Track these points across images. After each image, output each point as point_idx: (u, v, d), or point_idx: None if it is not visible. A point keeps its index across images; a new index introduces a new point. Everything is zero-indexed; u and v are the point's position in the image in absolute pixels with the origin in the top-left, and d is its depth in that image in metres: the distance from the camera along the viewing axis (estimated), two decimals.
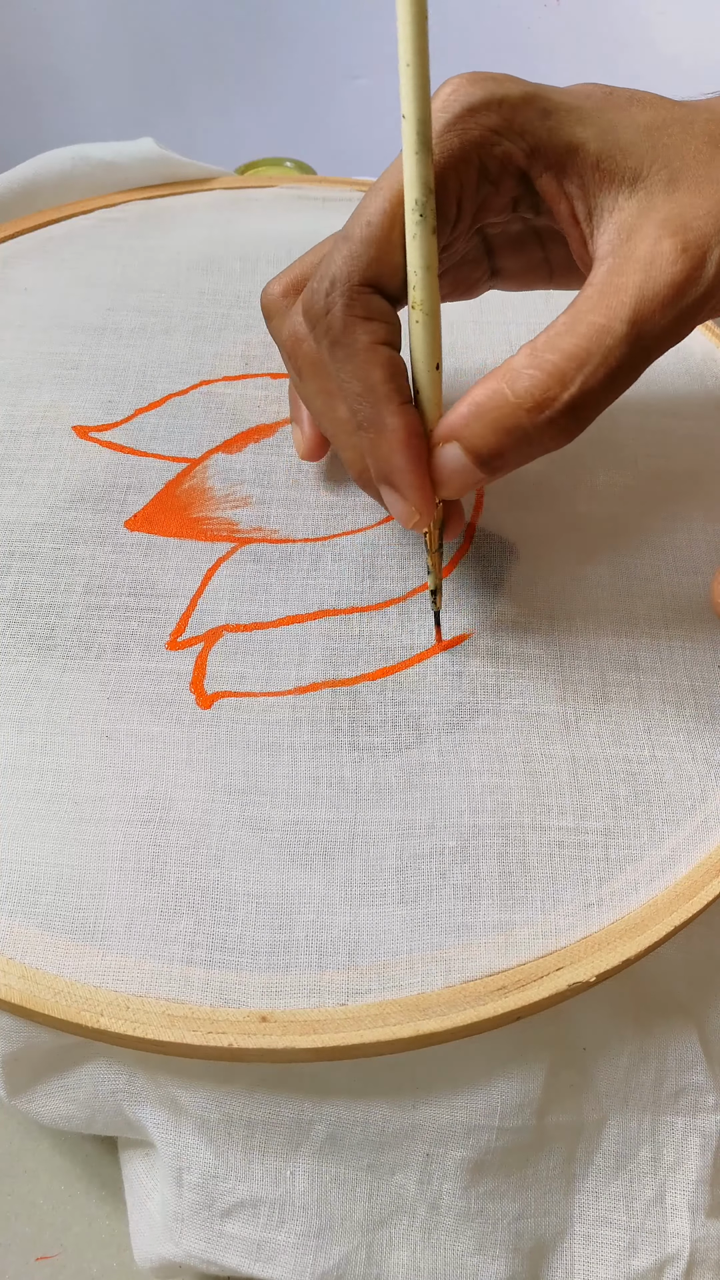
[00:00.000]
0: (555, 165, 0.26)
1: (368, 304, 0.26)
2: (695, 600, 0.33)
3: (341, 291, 0.26)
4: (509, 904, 0.27)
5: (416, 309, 0.26)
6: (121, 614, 0.31)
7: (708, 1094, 0.28)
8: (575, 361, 0.24)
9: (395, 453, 0.26)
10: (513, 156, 0.26)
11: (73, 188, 0.45)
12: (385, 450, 0.26)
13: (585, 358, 0.24)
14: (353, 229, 0.26)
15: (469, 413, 0.25)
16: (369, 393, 0.26)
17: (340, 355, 0.26)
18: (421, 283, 0.25)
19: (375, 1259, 0.26)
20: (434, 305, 0.26)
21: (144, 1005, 0.25)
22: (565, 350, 0.25)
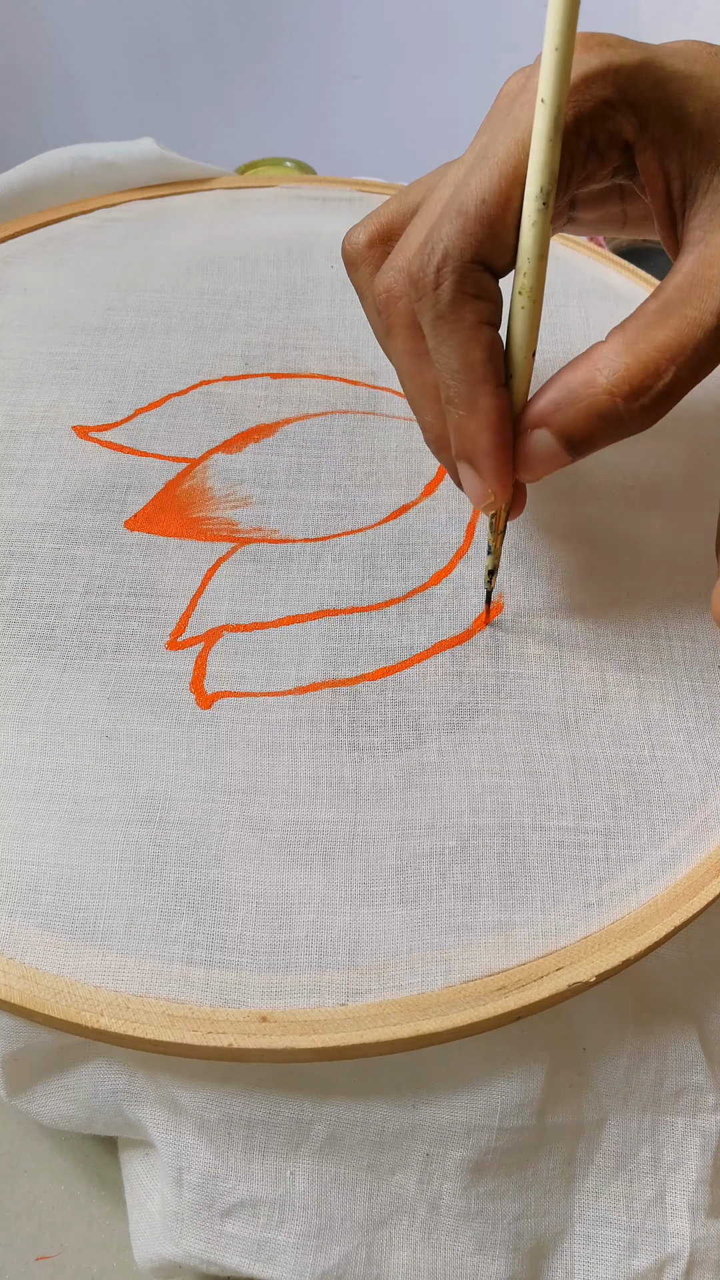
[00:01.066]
0: (660, 140, 0.25)
1: (478, 283, 0.26)
2: (695, 601, 0.33)
3: (454, 268, 0.25)
4: (509, 904, 0.27)
5: (524, 295, 0.26)
6: (121, 614, 0.31)
7: (708, 1094, 0.28)
8: (668, 354, 0.25)
9: (483, 434, 0.26)
10: (622, 130, 0.25)
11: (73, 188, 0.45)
12: (473, 430, 0.27)
13: (678, 350, 0.25)
14: (466, 204, 0.25)
15: (562, 399, 0.26)
16: (468, 371, 0.26)
17: (444, 331, 0.26)
18: (533, 270, 0.25)
19: (375, 1259, 0.26)
20: (540, 293, 0.26)
21: (144, 1005, 0.25)
22: (658, 342, 0.25)
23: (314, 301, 0.41)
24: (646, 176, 0.26)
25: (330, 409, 0.38)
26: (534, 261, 0.25)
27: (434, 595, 0.33)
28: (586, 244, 0.45)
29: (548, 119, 0.23)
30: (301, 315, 0.41)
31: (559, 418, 0.26)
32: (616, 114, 0.25)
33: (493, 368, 0.26)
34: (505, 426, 0.27)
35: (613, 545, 0.34)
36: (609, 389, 0.25)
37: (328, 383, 0.39)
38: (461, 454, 0.27)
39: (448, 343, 0.26)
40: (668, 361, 0.25)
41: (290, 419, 0.37)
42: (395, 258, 0.28)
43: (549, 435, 0.26)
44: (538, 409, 0.26)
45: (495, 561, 0.31)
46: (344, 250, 0.30)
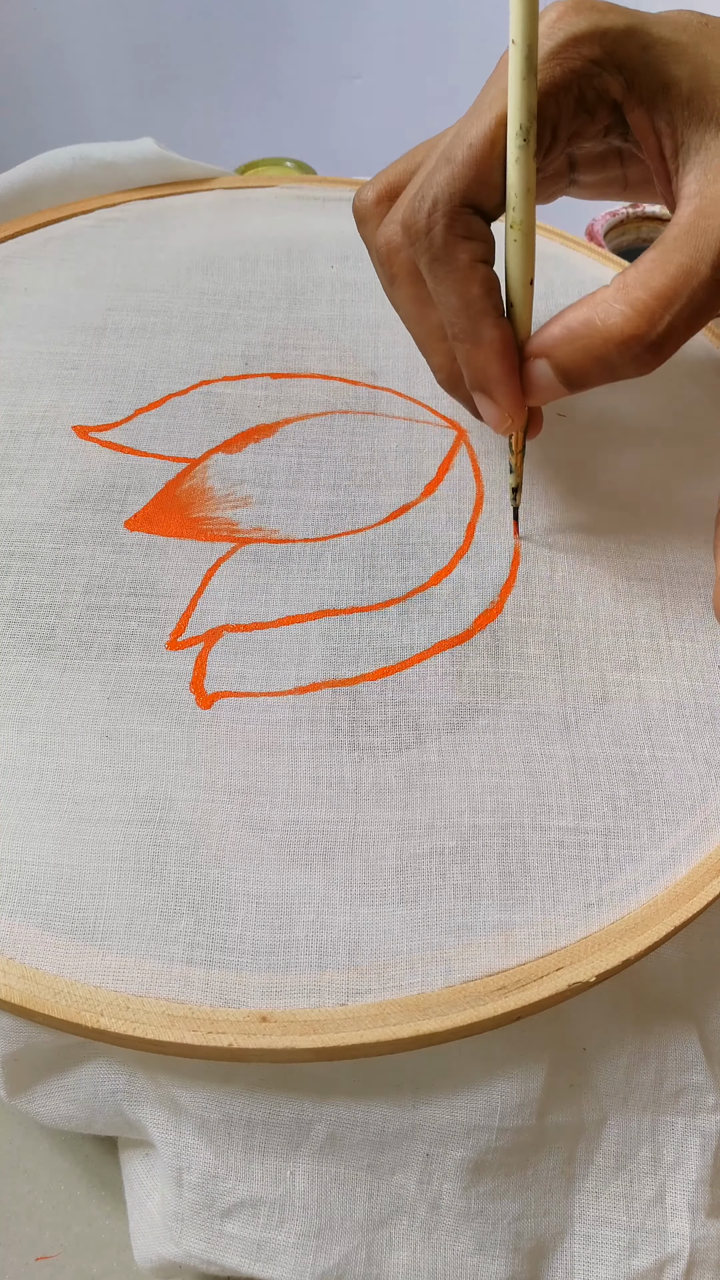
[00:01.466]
0: (648, 101, 0.27)
1: (468, 224, 0.27)
2: (695, 600, 0.33)
3: (444, 211, 0.27)
4: (509, 904, 0.27)
5: (515, 229, 0.27)
6: (121, 614, 0.31)
7: (708, 1094, 0.28)
8: (663, 301, 0.26)
9: (491, 362, 0.28)
10: (610, 89, 0.27)
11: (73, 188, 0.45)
12: (482, 360, 0.28)
13: (673, 298, 0.26)
14: (454, 151, 0.27)
15: (561, 335, 0.27)
16: (467, 307, 0.28)
17: (440, 272, 0.28)
18: (521, 204, 0.27)
19: (375, 1259, 0.26)
20: (531, 225, 0.27)
21: (144, 1005, 0.25)
22: (654, 289, 0.26)
23: (314, 301, 0.41)
24: (639, 134, 0.28)
25: (330, 409, 0.38)
26: (522, 197, 0.27)
27: (434, 595, 0.33)
28: (586, 244, 0.45)
29: (520, 58, 0.25)
30: (301, 315, 0.41)
31: (558, 354, 0.27)
32: (604, 73, 0.26)
33: (491, 301, 0.28)
34: (510, 353, 0.28)
35: (613, 545, 0.34)
36: (605, 334, 0.26)
37: (328, 383, 0.39)
38: (474, 384, 0.29)
39: (445, 283, 0.28)
40: (662, 309, 0.26)
41: (290, 419, 0.37)
42: (395, 211, 0.29)
43: (548, 367, 0.28)
44: (540, 340, 0.28)
45: (518, 479, 0.33)
46: (354, 207, 0.32)
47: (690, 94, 0.27)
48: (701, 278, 0.26)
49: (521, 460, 0.32)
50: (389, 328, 0.40)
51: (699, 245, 0.26)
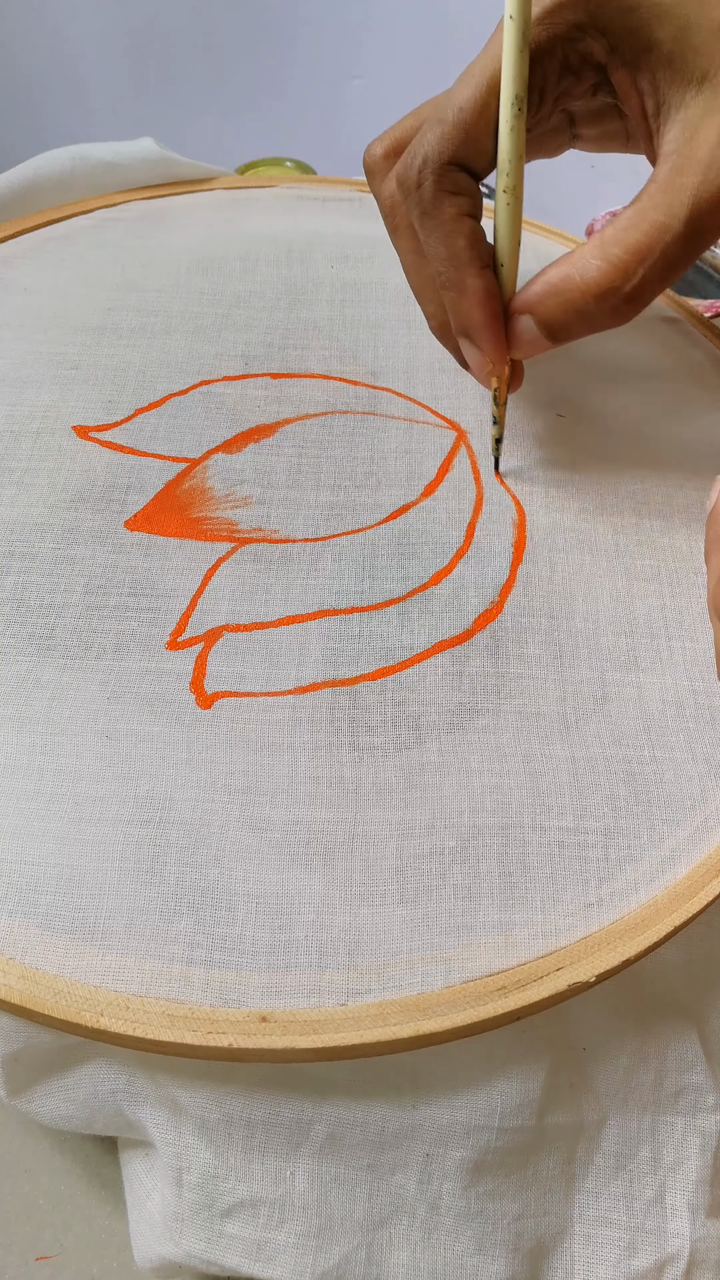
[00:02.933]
0: (631, 62, 0.28)
1: (455, 180, 0.29)
2: (695, 600, 0.33)
3: (433, 169, 0.29)
4: (509, 904, 0.27)
5: (507, 193, 0.29)
6: (121, 614, 0.31)
7: (708, 1094, 0.28)
8: (638, 256, 0.27)
9: (475, 309, 0.30)
10: (593, 52, 0.28)
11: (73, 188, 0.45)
12: (466, 307, 0.30)
13: (646, 253, 0.27)
14: (445, 113, 0.29)
15: (543, 291, 0.29)
16: (453, 257, 0.29)
17: (429, 224, 0.29)
18: (513, 169, 0.29)
19: (375, 1259, 0.26)
20: (520, 190, 0.29)
21: (144, 1005, 0.25)
22: (629, 245, 0.27)
23: (314, 301, 0.41)
24: (622, 93, 0.29)
25: (330, 409, 0.38)
26: (514, 162, 0.29)
27: (434, 595, 0.33)
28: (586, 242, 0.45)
29: (516, 32, 0.27)
30: (301, 315, 0.41)
31: (540, 308, 0.29)
32: (587, 36, 0.28)
33: (476, 253, 0.29)
34: (493, 303, 0.30)
35: (613, 545, 0.34)
36: (582, 288, 0.28)
37: (328, 383, 0.39)
38: (459, 329, 0.31)
39: (434, 235, 0.29)
40: (636, 263, 0.27)
41: (290, 419, 0.37)
42: (397, 167, 0.31)
43: (531, 322, 0.30)
44: (524, 296, 0.30)
45: (500, 430, 0.35)
46: (364, 161, 0.34)
47: (671, 54, 0.27)
48: (674, 233, 0.27)
49: (504, 411, 0.34)
50: (389, 328, 0.40)
51: (672, 202, 0.27)
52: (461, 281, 0.30)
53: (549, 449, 0.37)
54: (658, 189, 0.28)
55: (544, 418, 0.37)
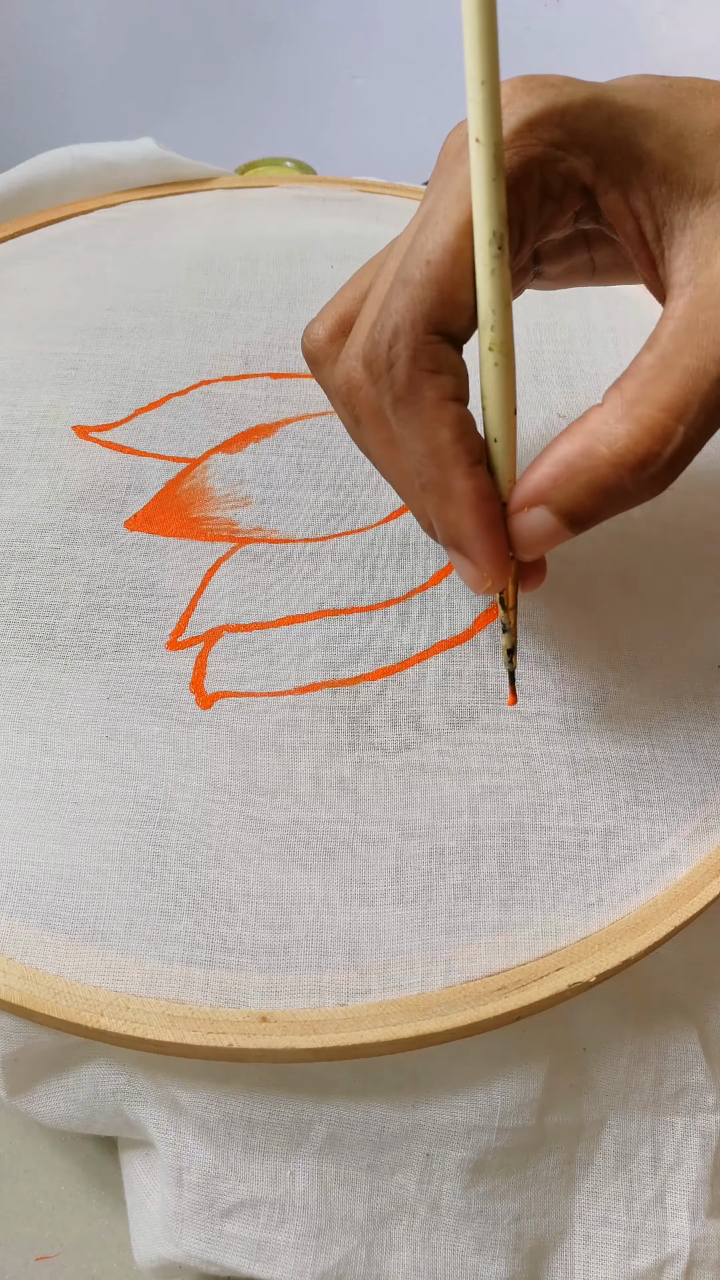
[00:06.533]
0: (621, 181, 0.24)
1: (435, 355, 0.23)
2: (696, 600, 0.33)
3: (406, 343, 0.23)
4: (509, 904, 0.27)
5: (494, 350, 0.23)
6: (121, 614, 0.31)
7: (708, 1094, 0.28)
8: (674, 414, 0.23)
9: (464, 518, 0.24)
10: (578, 173, 0.23)
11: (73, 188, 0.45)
12: (453, 516, 0.24)
13: (684, 408, 0.23)
14: (411, 270, 0.23)
15: (560, 474, 0.23)
16: (435, 454, 0.24)
17: (404, 414, 0.24)
18: (500, 322, 0.23)
19: (375, 1259, 0.26)
20: (511, 346, 0.23)
21: (144, 1005, 0.25)
22: (660, 401, 0.23)
23: (314, 301, 0.41)
24: (614, 218, 0.24)
25: (330, 409, 0.38)
26: (499, 313, 0.23)
27: (434, 595, 0.33)
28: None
29: (487, 158, 0.21)
30: (301, 315, 0.41)
31: (558, 495, 0.24)
32: (569, 156, 0.23)
33: (463, 447, 0.24)
34: (487, 506, 0.24)
35: (613, 545, 0.34)
36: (612, 461, 0.23)
37: None
38: (446, 540, 0.25)
39: (410, 426, 0.24)
40: (674, 421, 0.23)
41: (290, 419, 0.37)
42: (350, 344, 0.26)
43: (547, 513, 0.24)
44: (533, 485, 0.24)
45: (512, 640, 0.27)
46: (304, 349, 0.28)
47: (666, 166, 0.23)
48: (712, 378, 0.22)
49: (515, 616, 0.27)
50: None
51: (702, 342, 0.23)
52: (447, 484, 0.24)
53: None
54: (680, 328, 0.23)
55: (544, 418, 0.37)
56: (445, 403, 0.23)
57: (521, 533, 0.25)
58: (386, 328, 0.23)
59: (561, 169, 0.23)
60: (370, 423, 0.26)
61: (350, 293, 0.27)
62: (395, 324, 0.23)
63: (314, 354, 0.28)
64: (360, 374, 0.25)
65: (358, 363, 0.25)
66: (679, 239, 0.24)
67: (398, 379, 0.23)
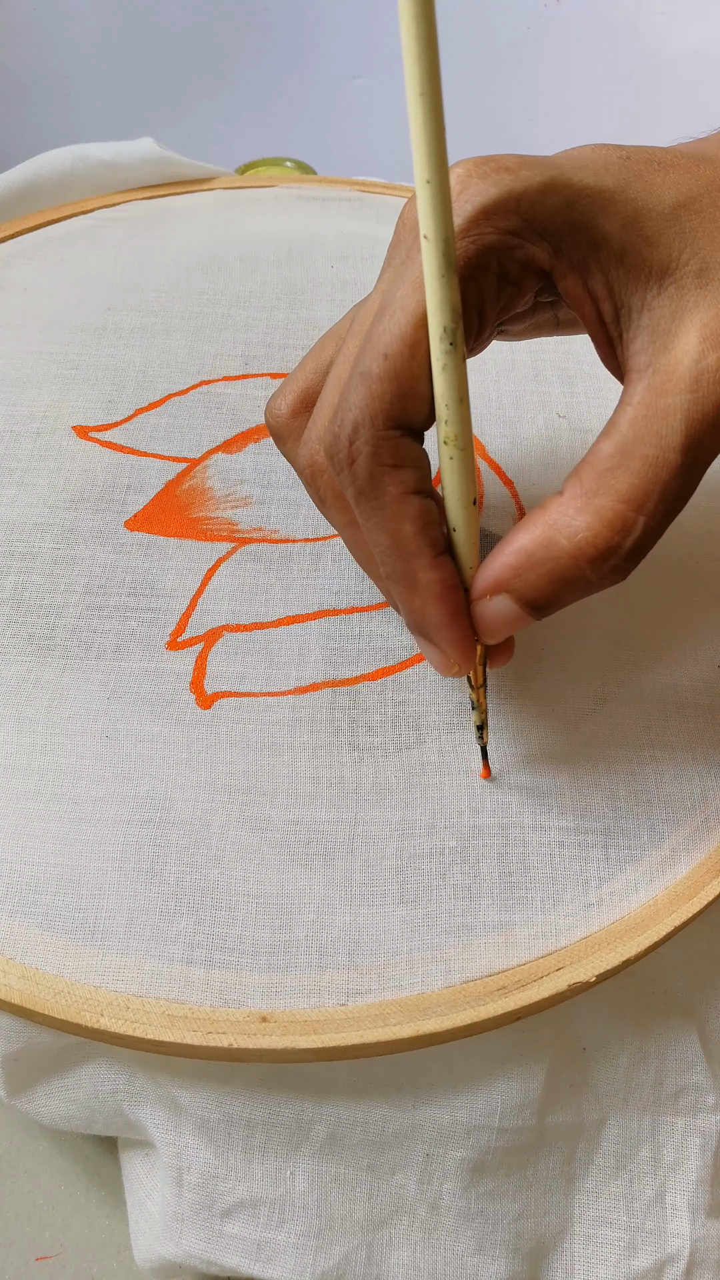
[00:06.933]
0: (579, 265, 0.23)
1: (396, 450, 0.23)
2: (695, 600, 0.33)
3: (366, 439, 0.23)
4: (509, 904, 0.27)
5: (449, 444, 0.23)
6: (121, 614, 0.31)
7: (708, 1094, 0.28)
8: (634, 504, 0.22)
9: (429, 608, 0.24)
10: (535, 259, 0.23)
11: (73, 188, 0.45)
12: (419, 605, 0.24)
13: (644, 499, 0.22)
14: (369, 363, 0.23)
15: (519, 563, 0.23)
16: (399, 547, 0.24)
17: (367, 508, 0.24)
18: (455, 416, 0.23)
19: (375, 1259, 0.26)
20: (468, 439, 0.23)
21: (144, 1005, 0.25)
22: (620, 492, 0.22)
23: (314, 301, 0.41)
24: (572, 300, 0.24)
25: None
26: (454, 407, 0.23)
27: None
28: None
29: (436, 255, 0.21)
30: (301, 315, 0.41)
31: (518, 584, 0.24)
32: (525, 243, 0.23)
33: (427, 539, 0.24)
34: (451, 596, 0.24)
35: None
36: (572, 553, 0.23)
37: None
38: (413, 627, 0.25)
39: (373, 520, 0.24)
40: (634, 512, 0.22)
41: None
42: (312, 427, 0.26)
43: (509, 601, 0.24)
44: (493, 574, 0.24)
45: (483, 715, 0.28)
46: (268, 422, 0.28)
47: (624, 249, 0.23)
48: (672, 467, 0.22)
49: (484, 694, 0.28)
50: None
51: (661, 431, 0.22)
52: (411, 575, 0.24)
53: (549, 449, 0.37)
54: (640, 416, 0.23)
55: (544, 418, 0.37)
56: (407, 497, 0.23)
57: (484, 619, 0.25)
58: (346, 422, 0.23)
59: (518, 256, 0.23)
60: (335, 505, 0.26)
61: (312, 365, 0.27)
62: (355, 419, 0.23)
63: (277, 429, 0.28)
64: (323, 460, 0.25)
65: (320, 447, 0.25)
66: (637, 322, 0.23)
67: (359, 475, 0.23)
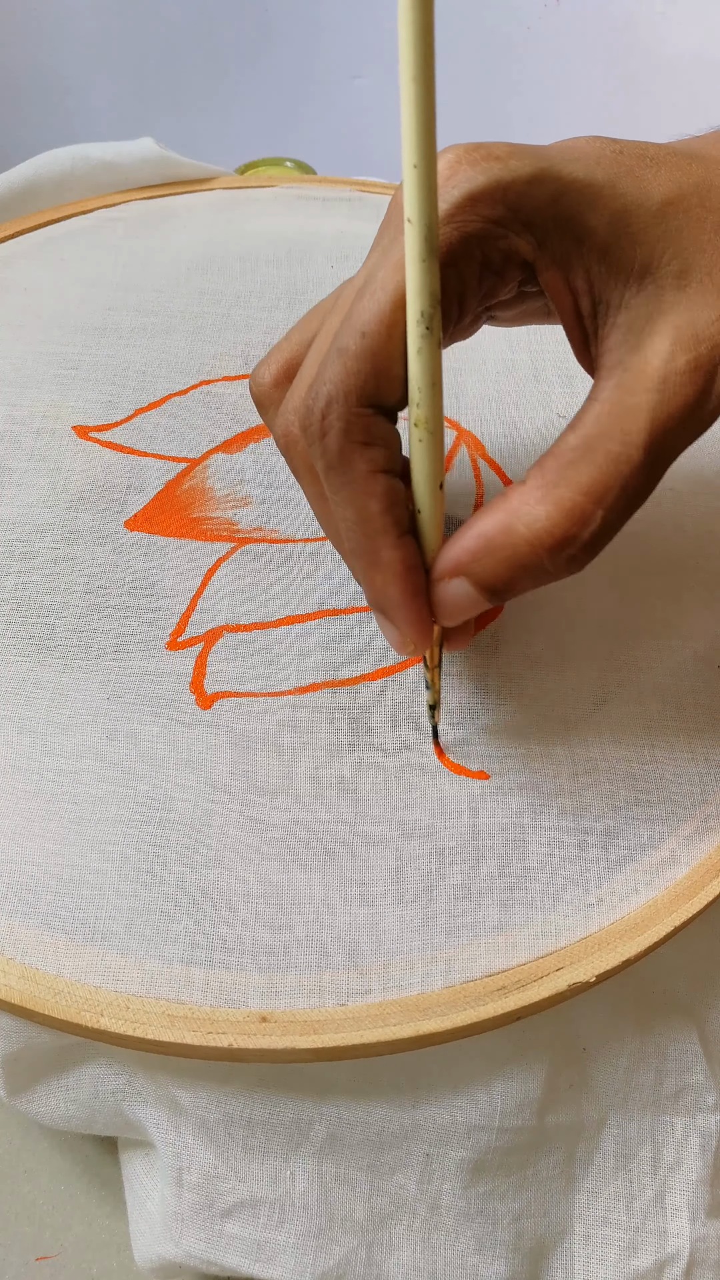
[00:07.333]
0: (562, 259, 0.23)
1: (367, 428, 0.23)
2: (695, 600, 0.33)
3: (339, 414, 0.23)
4: (509, 904, 0.27)
5: (419, 426, 0.23)
6: (121, 614, 0.31)
7: (708, 1094, 0.28)
8: (593, 497, 0.23)
9: (390, 586, 0.25)
10: (519, 250, 0.23)
11: (73, 188, 0.45)
12: (379, 583, 0.25)
13: (604, 492, 0.23)
14: (347, 340, 0.23)
15: (478, 548, 0.24)
16: (364, 523, 0.24)
17: (336, 482, 0.24)
18: (426, 400, 0.23)
19: (375, 1259, 0.26)
20: (438, 423, 0.24)
21: (144, 1005, 0.25)
22: (581, 484, 0.23)
23: (314, 301, 0.41)
24: (552, 294, 0.24)
25: None
26: (426, 391, 0.23)
27: None
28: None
29: (418, 239, 0.21)
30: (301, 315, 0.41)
31: (476, 568, 0.24)
32: (510, 233, 0.23)
33: (391, 518, 0.24)
34: (411, 576, 0.25)
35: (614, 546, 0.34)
36: (530, 541, 0.23)
37: None
38: (373, 604, 0.26)
39: (340, 494, 0.24)
40: (593, 505, 0.23)
41: None
42: (290, 398, 0.26)
43: (466, 584, 0.24)
44: (453, 557, 0.24)
45: (436, 696, 0.28)
46: (252, 391, 0.28)
47: (608, 245, 0.23)
48: (634, 464, 0.23)
49: (439, 675, 0.28)
50: None
51: (627, 428, 0.23)
52: (374, 553, 0.24)
53: None
54: (606, 412, 0.23)
55: (545, 418, 0.37)
56: (375, 475, 0.24)
57: (442, 601, 0.25)
58: (320, 396, 0.23)
59: (502, 245, 0.23)
60: (307, 477, 0.26)
61: (297, 337, 0.27)
62: (329, 394, 0.23)
63: (259, 397, 0.28)
64: (297, 431, 0.25)
65: (295, 418, 0.25)
66: (613, 319, 0.24)
67: (329, 449, 0.24)
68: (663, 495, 0.36)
